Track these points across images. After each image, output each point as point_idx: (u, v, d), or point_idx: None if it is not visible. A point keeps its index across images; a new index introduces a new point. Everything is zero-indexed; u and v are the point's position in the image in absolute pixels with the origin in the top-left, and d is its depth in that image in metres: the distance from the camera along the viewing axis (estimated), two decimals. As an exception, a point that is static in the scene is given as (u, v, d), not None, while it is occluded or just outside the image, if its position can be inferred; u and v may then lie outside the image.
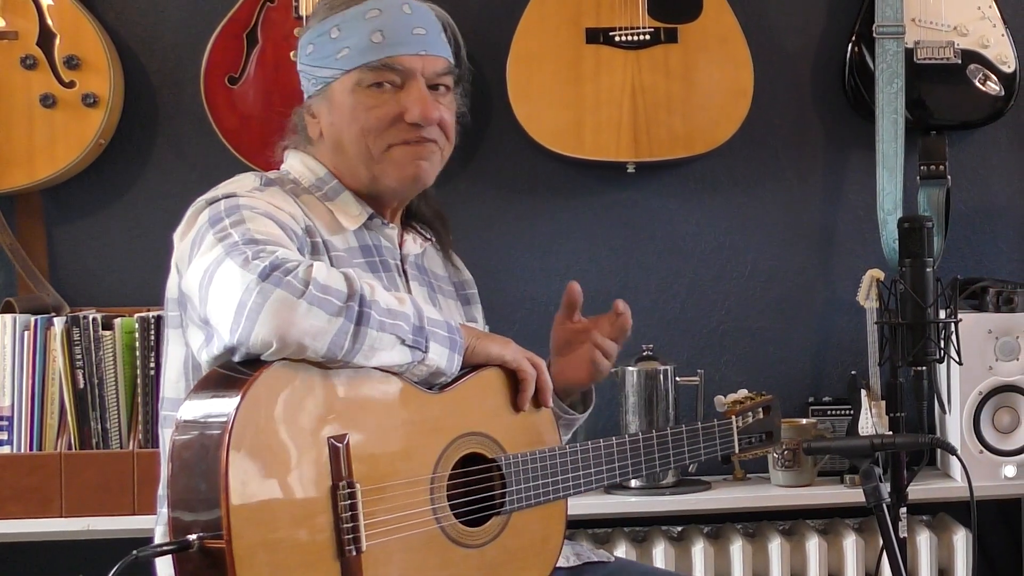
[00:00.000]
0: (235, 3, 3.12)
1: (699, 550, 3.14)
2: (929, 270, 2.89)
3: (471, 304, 2.21)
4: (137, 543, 1.68)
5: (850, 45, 3.29)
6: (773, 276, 3.39)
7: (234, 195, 1.89)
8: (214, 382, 1.69)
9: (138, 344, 3.00)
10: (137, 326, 3.01)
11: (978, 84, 3.26)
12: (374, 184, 2.02)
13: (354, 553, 1.69)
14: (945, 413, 3.21)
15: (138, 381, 3.00)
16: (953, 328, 2.91)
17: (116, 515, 2.93)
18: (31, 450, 2.98)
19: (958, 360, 2.95)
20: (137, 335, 3.00)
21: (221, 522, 1.59)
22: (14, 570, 3.25)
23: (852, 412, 3.18)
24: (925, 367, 2.91)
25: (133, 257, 3.26)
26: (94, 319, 3.00)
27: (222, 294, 1.72)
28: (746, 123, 3.19)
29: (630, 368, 3.14)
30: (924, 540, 3.16)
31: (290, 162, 2.09)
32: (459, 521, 1.84)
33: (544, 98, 3.17)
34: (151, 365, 2.99)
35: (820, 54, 3.38)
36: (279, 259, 1.71)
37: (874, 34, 3.23)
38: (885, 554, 2.23)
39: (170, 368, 1.95)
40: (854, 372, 3.23)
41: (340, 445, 1.69)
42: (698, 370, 3.20)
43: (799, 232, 3.39)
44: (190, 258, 1.83)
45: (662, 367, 3.15)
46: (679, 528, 3.29)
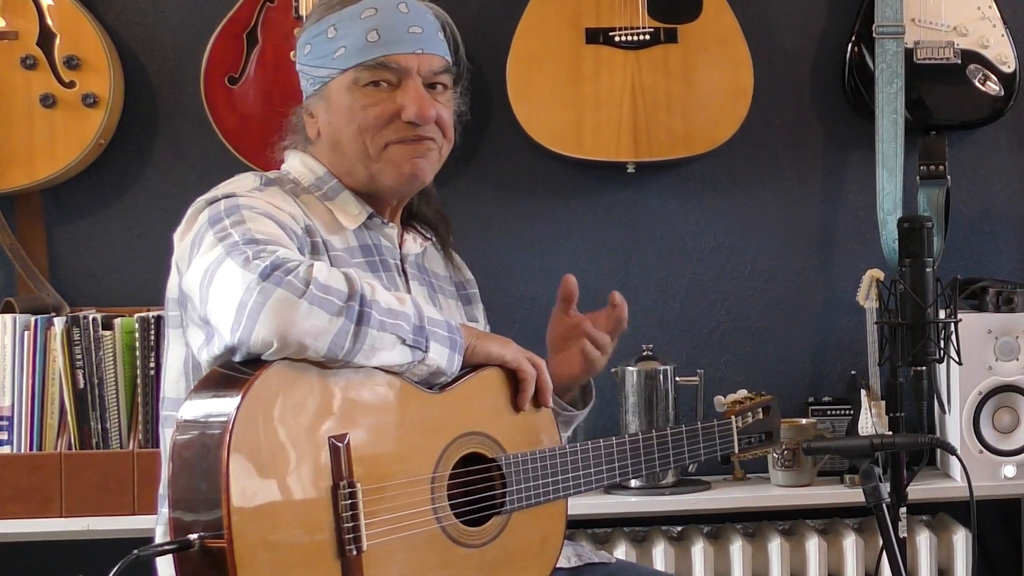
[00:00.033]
0: (235, 3, 3.12)
1: (699, 550, 3.14)
2: (929, 270, 2.89)
3: (472, 304, 2.21)
4: (137, 543, 1.68)
5: (850, 45, 3.29)
6: (773, 276, 3.39)
7: (234, 195, 1.89)
8: (215, 382, 1.69)
9: (138, 344, 3.00)
10: (137, 326, 3.01)
11: (978, 84, 3.26)
12: (372, 183, 2.02)
13: (355, 553, 1.69)
14: (945, 413, 3.21)
15: (138, 381, 3.00)
16: (953, 328, 2.92)
17: (116, 515, 2.93)
18: (31, 450, 2.98)
19: (958, 360, 2.95)
20: (137, 335, 3.00)
21: (222, 521, 1.59)
22: (14, 570, 3.25)
23: (852, 412, 3.18)
24: (925, 367, 2.91)
25: (133, 257, 3.26)
26: (94, 319, 3.00)
27: (223, 294, 1.72)
28: (746, 123, 3.19)
29: (630, 368, 3.14)
30: (924, 540, 3.16)
31: (290, 162, 2.09)
32: (459, 521, 1.84)
33: (544, 98, 3.17)
34: (151, 365, 2.99)
35: (820, 54, 3.38)
36: (280, 259, 1.71)
37: (874, 34, 3.23)
38: (885, 554, 2.23)
39: (170, 368, 1.95)
40: (854, 372, 3.23)
41: (341, 445, 1.70)
42: (698, 370, 3.20)
43: (799, 232, 3.39)
44: (190, 258, 1.83)
45: (662, 367, 3.15)
46: (679, 528, 3.29)
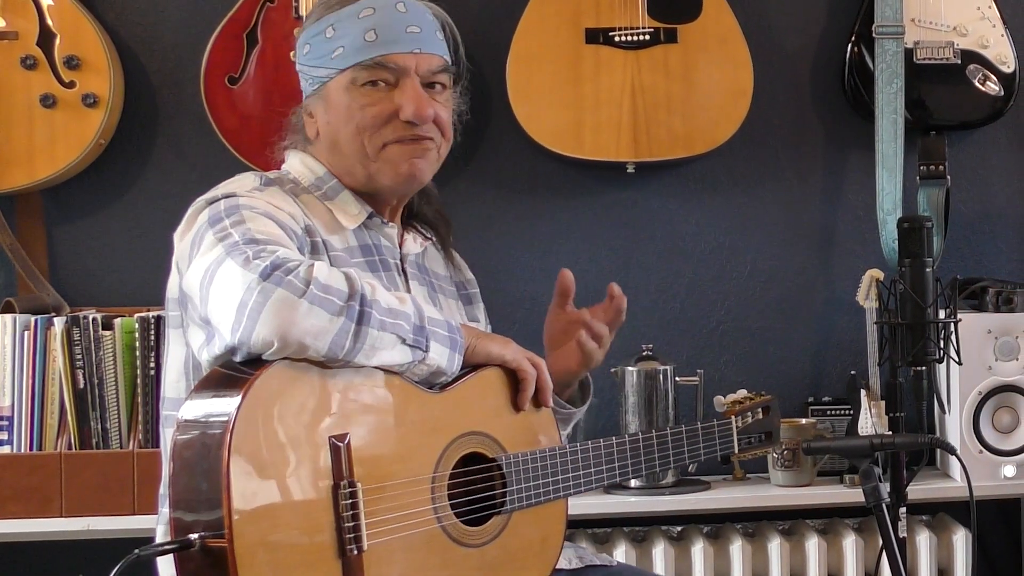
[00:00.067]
0: (235, 3, 3.12)
1: (699, 550, 3.14)
2: (929, 270, 2.89)
3: (473, 304, 2.21)
4: (137, 543, 1.68)
5: (850, 45, 3.29)
6: (773, 276, 3.39)
7: (234, 195, 1.89)
8: (215, 382, 1.69)
9: (138, 344, 3.00)
10: (137, 326, 3.01)
11: (978, 84, 3.26)
12: (370, 182, 2.02)
13: (355, 552, 1.69)
14: (945, 413, 3.21)
15: (138, 381, 3.00)
16: (953, 328, 2.92)
17: (116, 515, 2.93)
18: (31, 450, 2.98)
19: (958, 360, 2.95)
20: (137, 335, 3.01)
21: (222, 521, 1.59)
22: (14, 570, 3.25)
23: (852, 412, 3.18)
24: (925, 367, 2.91)
25: (133, 257, 3.26)
26: (94, 319, 3.00)
27: (223, 294, 1.72)
28: (746, 123, 3.19)
29: (630, 368, 3.14)
30: (924, 540, 3.16)
31: (290, 162, 2.09)
32: (460, 520, 1.84)
33: (544, 98, 3.17)
34: (151, 365, 2.99)
35: (820, 54, 3.38)
36: (280, 259, 1.71)
37: (874, 34, 3.23)
38: (885, 554, 2.23)
39: (171, 368, 1.95)
40: (854, 372, 3.23)
41: (341, 444, 1.70)
42: (698, 370, 3.20)
43: (799, 232, 3.39)
44: (190, 258, 1.83)
45: (662, 367, 3.15)
46: (679, 528, 3.29)
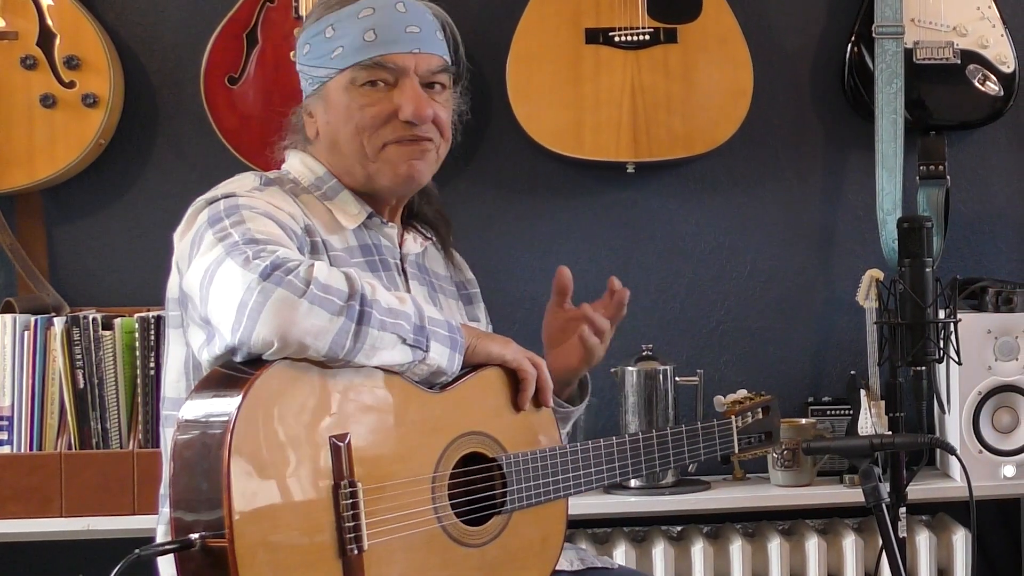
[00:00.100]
0: (235, 3, 3.12)
1: (698, 550, 3.14)
2: (928, 270, 2.89)
3: (474, 303, 2.21)
4: (137, 543, 1.68)
5: (849, 45, 3.29)
6: (773, 276, 3.39)
7: (233, 195, 1.89)
8: (215, 381, 1.69)
9: (138, 344, 3.00)
10: (137, 326, 3.01)
11: (977, 84, 3.26)
12: (369, 183, 2.02)
13: (356, 552, 1.69)
14: (944, 413, 3.21)
15: (138, 381, 3.00)
16: (952, 328, 2.92)
17: (116, 515, 2.93)
18: (31, 450, 2.98)
19: (957, 360, 2.95)
20: (137, 335, 3.01)
21: (223, 521, 1.59)
22: (14, 570, 3.25)
23: (851, 412, 3.18)
24: (924, 367, 2.91)
25: (133, 257, 3.26)
26: (94, 319, 3.00)
27: (223, 294, 1.72)
28: (746, 123, 3.19)
29: (630, 368, 3.14)
30: (923, 540, 3.16)
31: (290, 162, 2.09)
32: (460, 520, 1.84)
33: (544, 98, 3.17)
34: (151, 365, 2.99)
35: (819, 54, 3.38)
36: (280, 259, 1.71)
37: (873, 34, 3.23)
38: (884, 554, 2.24)
39: (171, 368, 1.95)
40: (853, 372, 3.23)
41: (341, 444, 1.70)
42: (697, 370, 3.20)
43: (799, 232, 3.40)
44: (190, 258, 1.83)
45: (661, 367, 3.15)
46: (679, 528, 3.29)
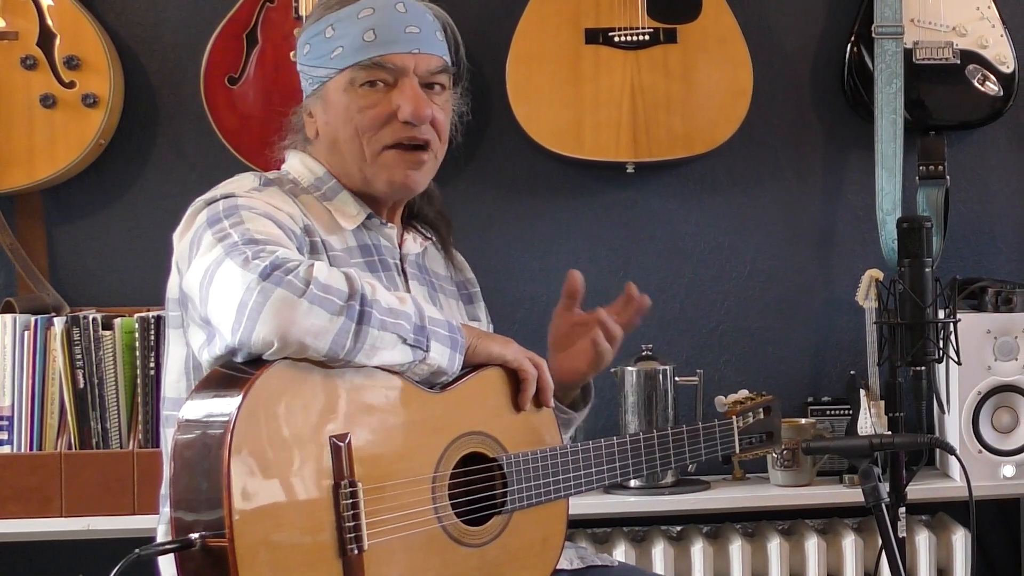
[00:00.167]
0: (235, 3, 3.12)
1: (698, 550, 3.14)
2: (928, 270, 2.90)
3: (474, 303, 2.21)
4: (137, 543, 1.68)
5: (849, 45, 3.29)
6: (772, 276, 3.39)
7: (232, 195, 1.89)
8: (216, 381, 1.69)
9: (138, 344, 3.01)
10: (137, 326, 3.01)
11: (977, 84, 3.26)
12: (366, 185, 2.03)
13: (356, 552, 1.69)
14: (944, 413, 3.21)
15: (138, 381, 3.00)
16: (952, 328, 2.92)
17: (116, 515, 2.93)
18: (31, 450, 2.98)
19: (957, 360, 2.96)
20: (137, 335, 3.01)
21: (223, 521, 1.59)
22: (14, 570, 3.25)
23: (851, 412, 3.18)
24: (924, 367, 2.91)
25: (133, 257, 3.26)
26: (94, 319, 3.00)
27: (223, 294, 1.72)
28: (745, 123, 3.19)
29: (629, 368, 3.14)
30: (923, 540, 3.17)
31: (290, 162, 2.09)
32: (460, 520, 1.84)
33: (544, 98, 3.17)
34: (151, 365, 2.99)
35: (819, 54, 3.38)
36: (279, 259, 1.71)
37: (873, 34, 3.23)
38: (884, 554, 2.24)
39: (171, 368, 1.95)
40: (853, 372, 3.23)
41: (342, 444, 1.70)
42: (697, 370, 3.20)
43: (798, 232, 3.40)
44: (190, 258, 1.83)
45: (661, 367, 3.15)
46: (678, 528, 3.29)
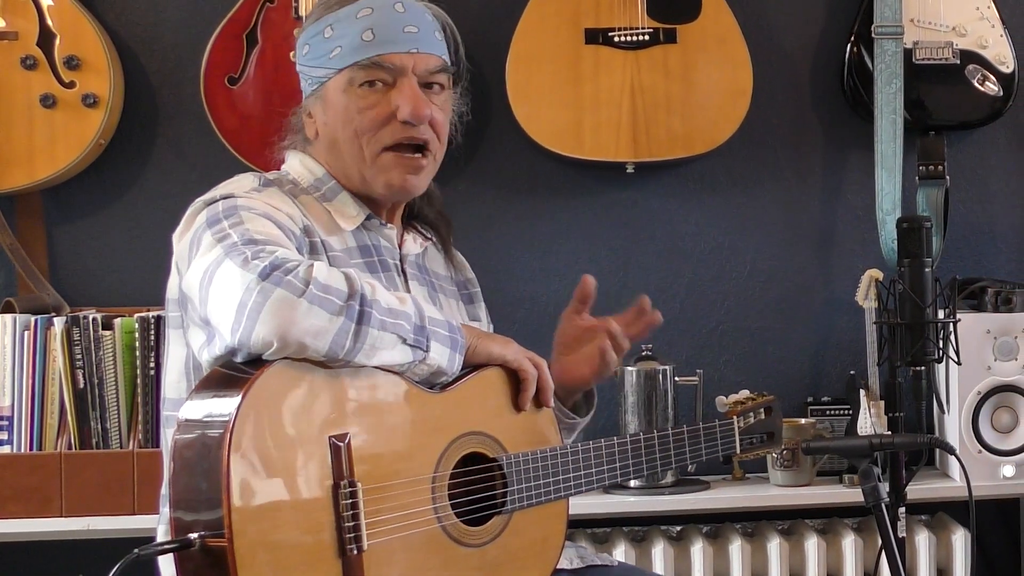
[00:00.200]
0: (235, 3, 3.12)
1: (698, 550, 3.14)
2: (928, 270, 2.90)
3: (474, 303, 2.21)
4: (137, 543, 1.68)
5: (849, 45, 3.29)
6: (772, 276, 3.39)
7: (232, 196, 1.89)
8: (215, 382, 1.69)
9: (138, 344, 3.01)
10: (137, 326, 3.01)
11: (977, 84, 3.26)
12: (365, 186, 2.03)
13: (355, 552, 1.69)
14: (944, 413, 3.21)
15: (138, 381, 3.01)
16: (952, 328, 2.92)
17: (116, 515, 2.94)
18: (31, 450, 2.98)
19: (957, 360, 2.96)
20: (137, 335, 3.01)
21: (222, 521, 1.59)
22: (14, 570, 3.25)
23: (851, 412, 3.18)
24: (924, 367, 2.92)
25: (133, 257, 3.26)
26: (94, 319, 3.00)
27: (222, 294, 1.72)
28: (745, 123, 3.19)
29: (629, 368, 3.14)
30: (923, 540, 3.17)
31: (290, 162, 2.09)
32: (460, 520, 1.84)
33: (543, 98, 3.17)
34: (151, 365, 2.99)
35: (819, 54, 3.38)
36: (279, 259, 1.72)
37: (873, 34, 3.23)
38: (884, 554, 2.24)
39: (171, 368, 1.95)
40: (853, 372, 3.23)
41: (341, 444, 1.70)
42: (697, 370, 3.20)
43: (798, 232, 3.40)
44: (189, 259, 1.83)
45: (661, 367, 3.15)
46: (678, 528, 3.29)
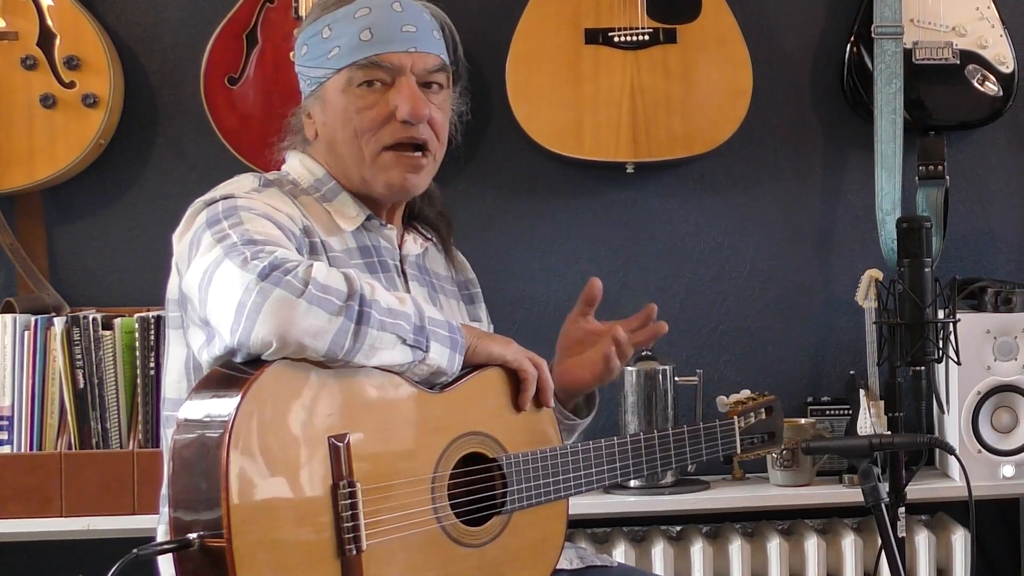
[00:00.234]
0: (235, 3, 3.12)
1: (698, 550, 3.14)
2: (927, 270, 2.90)
3: (475, 303, 2.21)
4: (137, 543, 1.68)
5: (849, 45, 3.29)
6: (772, 276, 3.39)
7: (232, 196, 1.89)
8: (215, 382, 1.69)
9: (138, 344, 3.01)
10: (137, 326, 3.01)
11: (976, 84, 3.26)
12: (365, 186, 2.03)
13: (354, 552, 1.69)
14: (943, 413, 3.21)
15: (138, 381, 3.01)
16: (951, 328, 2.92)
17: (116, 515, 2.93)
18: (31, 450, 2.98)
19: (956, 360, 2.96)
20: (137, 335, 3.01)
21: (222, 521, 1.59)
22: (14, 570, 3.25)
23: (851, 412, 3.18)
24: (924, 367, 2.92)
25: (133, 257, 3.26)
26: (94, 319, 3.00)
27: (222, 294, 1.72)
28: (745, 123, 3.19)
29: (629, 368, 3.14)
30: (923, 540, 3.17)
31: (290, 163, 2.09)
32: (460, 520, 1.84)
33: (543, 98, 3.17)
34: (151, 365, 2.99)
35: (819, 54, 3.38)
36: (278, 259, 1.72)
37: (873, 34, 3.23)
38: (884, 554, 2.24)
39: (171, 368, 1.95)
40: (853, 372, 3.23)
41: (341, 444, 1.70)
42: (697, 370, 3.20)
43: (798, 232, 3.40)
44: (189, 259, 1.83)
45: (661, 367, 3.15)
46: (678, 528, 3.29)
